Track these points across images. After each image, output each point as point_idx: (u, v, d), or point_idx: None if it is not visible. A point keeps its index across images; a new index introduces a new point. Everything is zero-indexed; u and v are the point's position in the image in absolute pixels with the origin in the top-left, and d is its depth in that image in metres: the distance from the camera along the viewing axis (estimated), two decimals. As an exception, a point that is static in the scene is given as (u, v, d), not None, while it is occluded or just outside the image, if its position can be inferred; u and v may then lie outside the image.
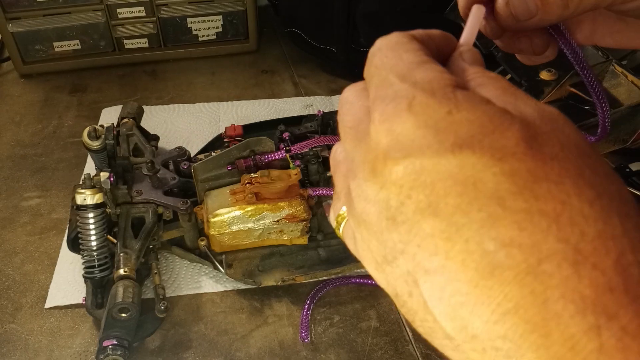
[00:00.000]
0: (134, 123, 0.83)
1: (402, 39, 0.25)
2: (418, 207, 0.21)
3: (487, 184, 0.20)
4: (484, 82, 0.24)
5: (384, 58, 0.24)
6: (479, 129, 0.21)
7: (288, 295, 0.72)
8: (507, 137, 0.20)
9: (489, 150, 0.20)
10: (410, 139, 0.21)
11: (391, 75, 0.23)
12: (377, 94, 0.23)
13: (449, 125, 0.21)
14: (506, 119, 0.21)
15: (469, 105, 0.21)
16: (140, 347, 0.66)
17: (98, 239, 0.67)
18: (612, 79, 0.75)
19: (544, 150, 0.20)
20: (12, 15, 1.04)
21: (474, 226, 0.20)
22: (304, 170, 0.77)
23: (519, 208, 0.20)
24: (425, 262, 0.21)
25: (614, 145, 0.71)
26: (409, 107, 0.22)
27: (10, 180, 0.89)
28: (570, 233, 0.19)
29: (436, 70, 0.23)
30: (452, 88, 0.22)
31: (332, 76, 1.12)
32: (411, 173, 0.21)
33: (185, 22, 1.12)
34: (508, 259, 0.19)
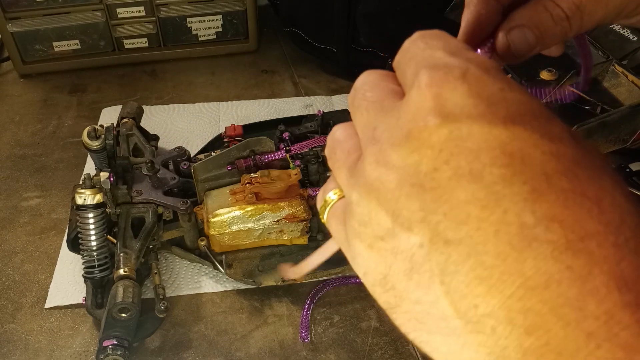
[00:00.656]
0: (133, 123, 0.83)
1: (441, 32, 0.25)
2: (456, 172, 0.20)
3: (535, 160, 0.20)
4: None
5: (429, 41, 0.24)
6: (529, 111, 0.21)
7: (288, 295, 0.72)
8: (554, 124, 0.21)
9: (539, 130, 0.20)
10: (460, 105, 0.21)
11: (440, 52, 0.23)
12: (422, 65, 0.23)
13: (502, 100, 0.21)
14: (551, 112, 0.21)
15: (519, 89, 0.22)
16: (140, 347, 0.66)
17: (98, 239, 0.67)
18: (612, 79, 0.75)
19: (585, 145, 0.21)
20: (12, 15, 1.04)
21: (516, 198, 0.19)
22: (304, 170, 0.77)
23: (564, 187, 0.20)
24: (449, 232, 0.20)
25: (614, 145, 0.71)
26: (463, 75, 0.21)
27: (10, 180, 0.89)
28: (612, 217, 0.19)
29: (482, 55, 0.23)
30: (503, 71, 0.22)
31: (332, 76, 1.12)
32: (455, 138, 0.21)
33: (185, 21, 1.12)
34: (547, 234, 0.19)
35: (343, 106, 0.99)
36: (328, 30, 1.05)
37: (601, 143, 0.70)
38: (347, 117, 0.89)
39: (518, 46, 0.30)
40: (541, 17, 0.30)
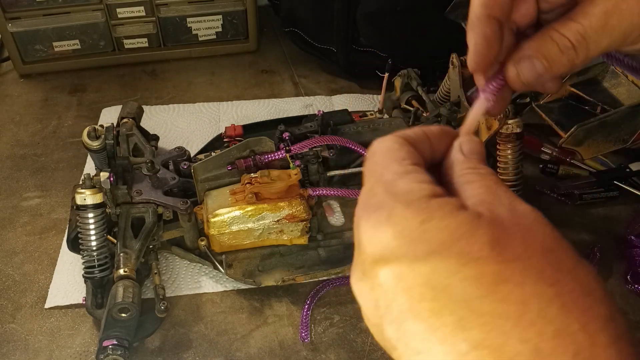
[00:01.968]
0: (133, 123, 0.83)
1: (393, 144, 0.28)
2: (401, 309, 0.24)
3: (455, 289, 0.23)
4: (472, 179, 0.27)
5: (374, 165, 0.28)
6: (448, 236, 0.23)
7: (288, 295, 0.72)
8: (473, 242, 0.23)
9: (455, 256, 0.23)
10: (390, 247, 0.24)
11: (377, 185, 0.26)
12: (364, 202, 0.27)
13: (422, 234, 0.24)
14: (473, 225, 0.23)
15: (440, 214, 0.24)
16: (140, 347, 0.66)
17: (98, 239, 0.67)
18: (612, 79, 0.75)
19: (507, 251, 0.23)
20: (12, 15, 1.04)
21: (447, 329, 0.22)
22: (304, 170, 0.77)
23: (484, 311, 0.22)
24: (414, 357, 0.24)
25: (614, 145, 0.71)
26: (388, 218, 0.25)
27: (10, 180, 0.89)
28: (531, 334, 0.21)
29: (417, 180, 0.26)
30: (427, 198, 0.25)
31: (332, 76, 1.12)
32: (393, 278, 0.24)
33: (185, 22, 1.12)
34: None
35: (343, 106, 0.99)
36: (328, 30, 1.05)
37: (601, 143, 0.70)
38: (347, 117, 0.89)
39: (527, 76, 0.32)
40: (549, 48, 0.31)
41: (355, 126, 0.85)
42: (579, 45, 0.31)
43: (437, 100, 0.88)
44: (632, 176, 0.85)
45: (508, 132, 0.71)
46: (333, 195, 0.75)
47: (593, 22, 0.30)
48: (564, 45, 0.31)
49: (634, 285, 0.73)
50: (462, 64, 0.77)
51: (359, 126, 0.85)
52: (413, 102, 0.89)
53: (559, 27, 0.31)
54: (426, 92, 0.87)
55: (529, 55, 0.32)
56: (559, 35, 0.31)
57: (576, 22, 0.31)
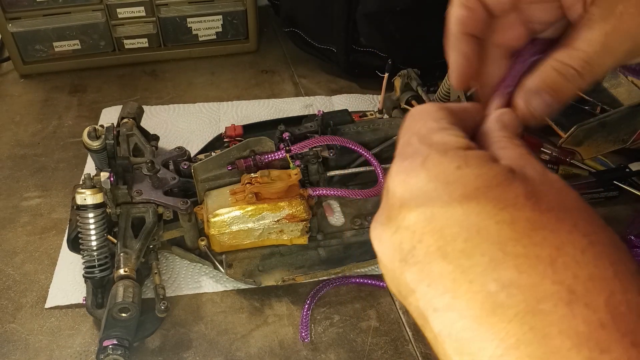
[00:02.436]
0: (134, 123, 0.83)
1: (431, 107, 0.29)
2: (428, 250, 0.24)
3: (489, 231, 0.23)
4: (506, 145, 0.28)
5: (412, 122, 0.28)
6: (484, 183, 0.24)
7: (288, 295, 0.72)
8: (509, 190, 0.24)
9: (492, 201, 0.23)
10: (423, 190, 0.25)
11: (413, 137, 0.27)
12: (398, 152, 0.27)
13: (458, 178, 0.24)
14: (509, 177, 0.24)
15: (476, 162, 0.25)
16: (140, 347, 0.66)
17: (98, 239, 0.67)
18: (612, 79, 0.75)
19: (542, 203, 0.24)
20: (12, 15, 1.04)
21: (478, 269, 0.23)
22: (304, 170, 0.77)
23: (518, 253, 0.22)
24: (435, 301, 0.24)
25: (614, 145, 0.71)
26: (423, 162, 0.25)
27: (10, 180, 0.89)
28: (565, 276, 0.22)
29: (453, 134, 0.27)
30: (463, 149, 0.25)
31: (332, 76, 1.12)
32: (423, 220, 0.24)
33: (185, 22, 1.12)
34: (509, 299, 0.22)
35: (343, 106, 0.99)
36: (328, 30, 1.05)
37: (601, 143, 0.70)
38: (347, 117, 0.89)
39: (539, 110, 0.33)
40: (554, 79, 0.32)
41: (355, 126, 0.85)
42: (584, 71, 0.31)
43: (437, 100, 0.88)
44: (632, 176, 0.85)
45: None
46: (333, 195, 0.75)
47: (595, 47, 0.31)
48: (570, 75, 0.31)
49: (634, 285, 0.72)
50: (462, 64, 0.77)
51: (359, 126, 0.85)
52: (413, 102, 0.89)
53: (561, 57, 0.32)
54: (426, 92, 0.87)
55: (536, 90, 0.32)
56: (562, 66, 0.31)
57: (578, 49, 0.31)
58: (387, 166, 0.80)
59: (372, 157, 0.78)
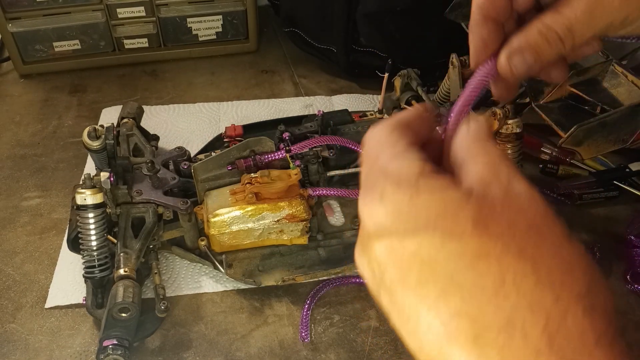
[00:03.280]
0: (134, 123, 0.83)
1: (385, 131, 0.30)
2: (392, 280, 0.26)
3: (440, 262, 0.24)
4: (476, 153, 0.28)
5: (369, 149, 0.30)
6: (434, 213, 0.25)
7: (288, 295, 0.72)
8: (458, 219, 0.25)
9: (442, 232, 0.25)
10: (383, 224, 0.26)
11: (372, 169, 0.28)
12: (362, 184, 0.29)
13: (410, 210, 0.26)
14: (460, 202, 0.25)
15: (428, 191, 0.26)
16: (140, 347, 0.66)
17: (98, 239, 0.67)
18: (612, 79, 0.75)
19: (491, 229, 0.24)
20: (12, 15, 1.04)
21: (432, 298, 0.24)
22: (304, 170, 0.77)
23: (464, 283, 0.24)
24: (404, 325, 0.26)
25: (614, 145, 0.71)
26: (380, 197, 0.27)
27: (10, 180, 0.89)
28: (505, 306, 0.23)
29: (407, 160, 0.28)
30: (416, 176, 0.26)
31: (332, 76, 1.12)
32: (385, 252, 0.26)
33: (185, 22, 1.12)
34: (458, 329, 0.23)
35: (343, 106, 0.99)
36: (328, 30, 1.05)
37: (601, 143, 0.70)
38: (347, 117, 0.89)
39: (519, 67, 0.34)
40: (537, 40, 0.33)
41: (355, 126, 0.85)
42: (565, 37, 0.33)
43: (437, 100, 0.88)
44: (632, 176, 0.85)
45: (508, 132, 0.71)
46: (333, 195, 0.75)
47: (578, 15, 0.33)
48: (551, 38, 0.33)
49: (634, 285, 0.73)
50: (462, 64, 0.77)
51: (359, 126, 0.85)
52: (413, 102, 0.89)
53: (546, 19, 0.33)
54: (426, 92, 0.87)
55: (519, 48, 0.34)
56: (546, 28, 0.33)
57: (562, 15, 0.33)
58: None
59: (372, 157, 0.78)
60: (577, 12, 0.33)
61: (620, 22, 0.33)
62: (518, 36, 0.34)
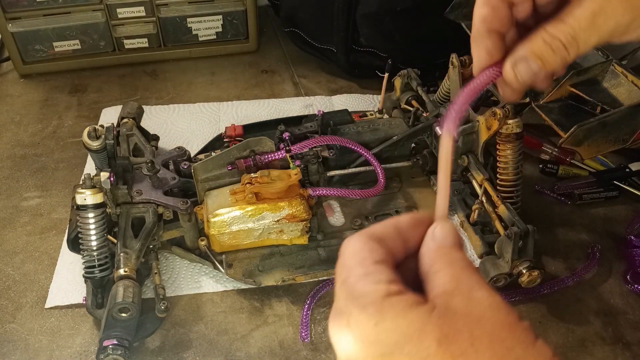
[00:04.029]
0: (134, 123, 0.83)
1: (357, 245, 0.30)
2: None
3: None
4: (440, 268, 0.29)
5: (341, 267, 0.30)
6: (399, 337, 0.25)
7: (288, 295, 0.72)
8: (422, 341, 0.25)
9: (407, 356, 0.25)
10: (351, 351, 0.27)
11: (341, 290, 0.29)
12: (334, 306, 0.29)
13: (376, 336, 0.26)
14: (423, 322, 0.25)
15: (392, 315, 0.26)
16: (140, 347, 0.66)
17: (98, 239, 0.67)
18: (612, 79, 0.75)
19: (454, 347, 0.25)
20: (12, 15, 1.04)
21: None
22: (304, 170, 0.77)
23: None
24: None
25: (614, 145, 0.71)
26: (347, 323, 0.27)
27: (10, 180, 0.89)
28: None
29: (374, 281, 0.27)
30: (381, 299, 0.26)
31: (332, 76, 1.12)
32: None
33: (185, 22, 1.12)
34: None
35: (343, 106, 0.99)
36: (328, 30, 1.05)
37: (601, 143, 0.70)
38: (347, 117, 0.89)
39: (524, 76, 0.35)
40: (542, 49, 0.34)
41: (355, 126, 0.85)
42: (569, 45, 0.34)
43: (437, 100, 0.88)
44: (632, 176, 0.85)
45: (508, 132, 0.71)
46: (333, 195, 0.75)
47: (582, 23, 0.33)
48: (556, 46, 0.34)
49: (634, 285, 0.73)
50: (462, 64, 0.77)
51: (359, 126, 0.85)
52: (413, 102, 0.89)
53: (551, 29, 0.34)
54: (426, 92, 0.87)
55: (524, 57, 0.34)
56: (550, 37, 0.34)
57: (566, 23, 0.33)
58: (387, 166, 0.80)
59: (372, 157, 0.78)
60: (580, 20, 0.33)
61: (624, 29, 0.33)
62: (523, 45, 0.35)
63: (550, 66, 0.34)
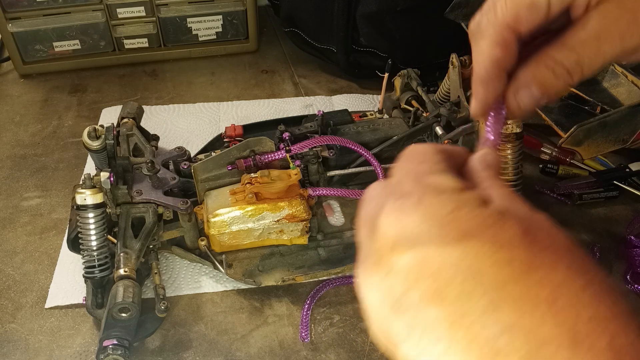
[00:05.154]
0: (134, 123, 0.83)
1: (429, 149, 0.29)
2: (424, 293, 0.23)
3: (488, 272, 0.22)
4: (491, 184, 0.28)
5: (407, 162, 0.28)
6: (479, 224, 0.24)
7: (288, 295, 0.72)
8: (505, 230, 0.23)
9: (488, 241, 0.23)
10: (416, 231, 0.24)
11: (407, 177, 0.27)
12: (392, 191, 0.26)
13: (453, 220, 0.24)
14: (503, 216, 0.24)
15: (471, 205, 0.24)
16: (140, 347, 0.66)
17: (98, 239, 0.67)
18: (612, 79, 0.75)
19: (538, 241, 0.23)
20: (12, 15, 1.04)
21: (477, 311, 0.22)
22: (304, 170, 0.77)
23: (517, 294, 0.22)
24: (430, 348, 0.22)
25: (614, 145, 0.71)
26: (418, 203, 0.25)
27: (10, 180, 0.89)
28: (566, 317, 0.21)
29: (447, 178, 0.26)
30: (458, 191, 0.25)
31: (332, 76, 1.12)
32: (417, 262, 0.23)
33: (185, 22, 1.12)
34: (509, 344, 0.21)
35: (343, 106, 0.99)
36: (328, 30, 1.05)
37: (601, 143, 0.70)
38: (347, 117, 0.89)
39: (526, 103, 0.34)
40: (544, 75, 0.33)
41: (355, 126, 0.85)
42: (573, 71, 0.32)
43: (437, 100, 0.88)
44: (632, 176, 0.85)
45: (508, 132, 0.71)
46: (333, 195, 0.75)
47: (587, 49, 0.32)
48: (559, 73, 0.32)
49: (634, 285, 0.73)
50: (462, 64, 0.77)
51: (359, 126, 0.85)
52: (413, 102, 0.89)
53: (554, 54, 0.32)
54: (426, 92, 0.87)
55: (525, 83, 0.33)
56: (553, 63, 0.32)
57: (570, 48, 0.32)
58: (387, 166, 0.80)
59: (372, 157, 0.78)
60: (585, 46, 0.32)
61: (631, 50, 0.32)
62: (524, 71, 0.33)
63: (553, 92, 0.33)
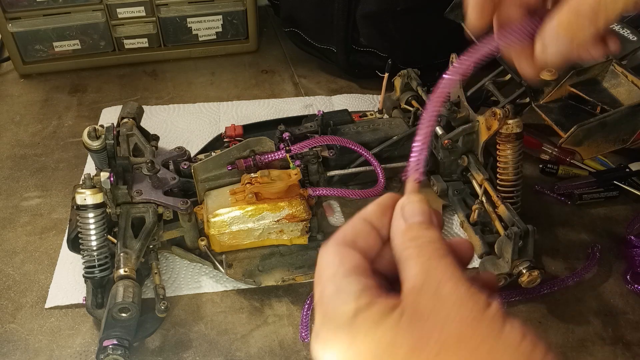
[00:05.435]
0: (134, 123, 0.83)
1: (329, 256, 0.29)
2: None
3: None
4: (410, 255, 0.28)
5: (317, 277, 0.29)
6: (373, 355, 0.25)
7: (288, 295, 0.72)
8: (395, 354, 0.25)
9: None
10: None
11: (317, 310, 0.29)
12: (314, 324, 0.29)
13: (351, 358, 0.26)
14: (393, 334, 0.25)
15: (363, 333, 0.26)
16: (140, 347, 0.66)
17: (98, 239, 0.67)
18: (612, 79, 0.75)
19: (424, 356, 0.25)
20: (12, 15, 1.04)
21: None
22: (304, 170, 0.77)
23: None
24: None
25: (614, 145, 0.71)
26: (324, 347, 0.27)
27: (10, 180, 0.89)
28: None
29: (344, 301, 0.27)
30: (351, 319, 0.27)
31: (332, 76, 1.12)
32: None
33: (185, 22, 1.12)
34: None
35: (343, 106, 0.99)
36: (328, 30, 1.05)
37: (601, 143, 0.70)
38: (347, 117, 0.89)
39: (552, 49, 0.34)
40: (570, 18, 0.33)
41: (355, 126, 0.85)
42: (598, 11, 0.32)
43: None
44: (632, 176, 0.85)
45: (508, 132, 0.71)
46: (333, 195, 0.75)
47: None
48: (584, 12, 0.32)
49: (634, 285, 0.73)
50: (462, 64, 0.77)
51: (359, 126, 0.85)
52: (413, 102, 0.89)
53: None
54: (426, 92, 0.87)
55: (551, 27, 0.33)
56: (577, 3, 0.32)
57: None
58: (387, 166, 0.80)
59: (372, 157, 0.78)
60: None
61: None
62: (549, 19, 0.33)
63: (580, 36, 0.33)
